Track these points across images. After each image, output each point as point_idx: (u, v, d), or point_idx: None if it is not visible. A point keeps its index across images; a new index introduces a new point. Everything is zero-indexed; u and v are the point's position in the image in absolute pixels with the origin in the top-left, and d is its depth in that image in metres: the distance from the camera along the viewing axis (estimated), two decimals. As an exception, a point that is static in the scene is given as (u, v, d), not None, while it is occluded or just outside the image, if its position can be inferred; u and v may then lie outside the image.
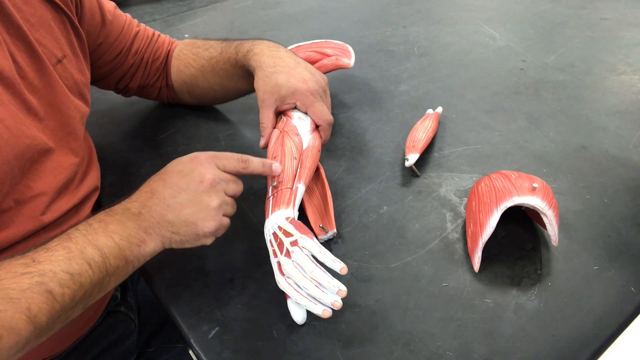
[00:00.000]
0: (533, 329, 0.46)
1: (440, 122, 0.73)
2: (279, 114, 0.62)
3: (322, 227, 0.55)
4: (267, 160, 0.53)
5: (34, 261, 0.39)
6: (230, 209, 0.49)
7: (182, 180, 0.47)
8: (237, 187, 0.50)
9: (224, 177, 0.48)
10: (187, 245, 0.47)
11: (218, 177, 0.48)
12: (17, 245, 0.49)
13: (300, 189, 0.53)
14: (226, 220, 0.49)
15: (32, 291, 0.37)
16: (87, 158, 0.60)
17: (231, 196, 0.50)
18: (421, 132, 0.67)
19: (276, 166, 0.53)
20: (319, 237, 0.55)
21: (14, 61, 0.48)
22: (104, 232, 0.43)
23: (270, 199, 0.52)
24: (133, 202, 0.47)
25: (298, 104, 0.60)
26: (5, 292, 0.37)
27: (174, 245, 0.47)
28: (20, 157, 0.47)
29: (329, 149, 0.69)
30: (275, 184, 0.53)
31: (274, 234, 0.49)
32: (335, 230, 0.55)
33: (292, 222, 0.48)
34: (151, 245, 0.46)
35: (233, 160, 0.50)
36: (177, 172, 0.48)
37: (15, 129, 0.46)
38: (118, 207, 0.46)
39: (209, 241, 0.48)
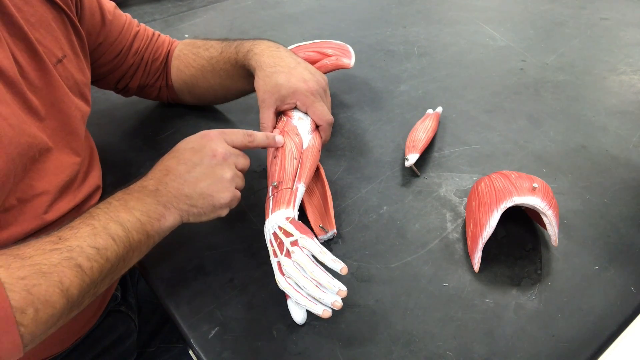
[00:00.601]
0: (533, 329, 0.46)
1: (440, 122, 0.73)
2: (279, 113, 0.62)
3: (322, 227, 0.55)
4: (270, 134, 0.55)
5: (60, 239, 0.41)
6: (241, 181, 0.52)
7: (195, 155, 0.49)
8: (245, 161, 0.53)
9: (233, 151, 0.51)
10: (204, 218, 0.49)
11: (229, 152, 0.50)
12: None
13: (301, 189, 0.53)
14: (238, 192, 0.51)
15: (62, 266, 0.39)
16: (88, 157, 0.60)
17: (240, 170, 0.52)
18: (421, 132, 0.67)
19: (279, 138, 0.55)
20: (319, 237, 0.55)
21: (16, 61, 0.48)
22: (124, 209, 0.45)
23: (271, 198, 0.52)
24: (149, 180, 0.48)
25: (298, 104, 0.60)
26: (37, 267, 0.38)
27: (192, 219, 0.49)
28: (23, 155, 0.47)
29: (329, 149, 0.69)
30: (275, 183, 0.53)
31: (274, 233, 0.49)
32: (335, 230, 0.55)
33: (292, 222, 0.48)
34: (170, 219, 0.47)
35: (240, 135, 0.53)
36: (189, 149, 0.50)
37: (17, 127, 0.46)
38: (135, 186, 0.48)
39: (224, 212, 0.50)
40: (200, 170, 0.48)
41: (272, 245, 0.48)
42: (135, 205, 0.46)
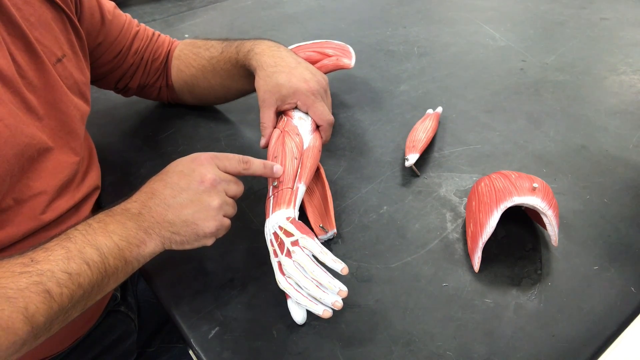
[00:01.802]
0: (533, 329, 0.46)
1: (440, 122, 0.73)
2: (280, 113, 0.62)
3: (322, 227, 0.55)
4: (269, 162, 0.53)
5: (32, 260, 0.39)
6: (231, 209, 0.49)
7: (182, 180, 0.47)
8: (237, 188, 0.50)
9: (224, 177, 0.48)
10: (187, 247, 0.47)
11: (219, 178, 0.48)
12: (17, 244, 0.49)
13: (301, 188, 0.53)
14: (227, 221, 0.49)
15: (29, 290, 0.37)
16: (87, 157, 0.60)
17: (232, 197, 0.50)
18: (421, 132, 0.67)
19: (277, 168, 0.53)
20: (319, 237, 0.55)
21: (14, 60, 0.48)
22: (103, 232, 0.43)
23: (271, 198, 0.52)
24: (133, 203, 0.46)
25: (299, 103, 0.60)
26: (2, 291, 0.37)
27: (174, 246, 0.47)
28: (19, 155, 0.47)
29: (329, 149, 0.69)
30: (275, 183, 0.53)
31: (275, 233, 0.49)
32: (335, 230, 0.55)
33: (292, 222, 0.48)
34: (151, 246, 0.45)
35: (234, 161, 0.50)
36: (178, 172, 0.48)
37: (14, 127, 0.46)
38: (118, 208, 0.46)
39: (209, 242, 0.48)
40: (186, 196, 0.46)
41: (272, 245, 0.48)
42: (114, 229, 0.44)
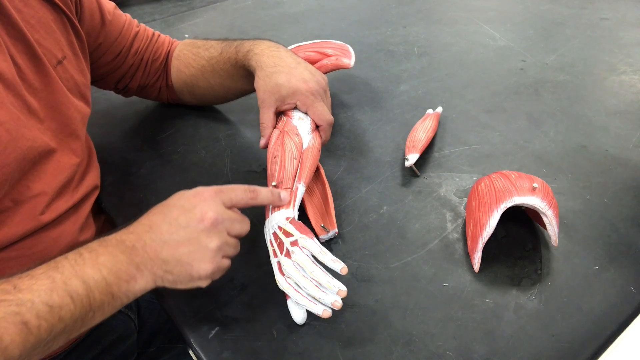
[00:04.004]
0: (533, 329, 0.46)
1: (440, 122, 0.73)
2: (279, 114, 0.62)
3: (323, 227, 0.55)
4: (275, 190, 0.50)
5: (15, 288, 0.37)
6: (232, 250, 0.46)
7: (182, 216, 0.44)
8: (242, 226, 0.47)
9: (227, 216, 0.45)
10: (180, 286, 0.45)
11: (221, 217, 0.44)
12: (16, 244, 0.49)
13: (301, 189, 0.53)
14: (225, 263, 0.46)
15: (6, 321, 0.35)
16: (87, 158, 0.60)
17: (235, 236, 0.47)
18: (421, 132, 0.67)
19: (284, 195, 0.51)
20: (321, 236, 0.55)
21: (15, 63, 0.48)
22: (92, 264, 0.41)
23: (270, 199, 0.52)
24: (129, 234, 0.44)
25: (298, 104, 0.60)
26: None
27: (167, 285, 0.44)
28: (20, 159, 0.47)
29: (329, 149, 0.69)
30: (275, 183, 0.53)
31: (274, 234, 0.49)
32: (336, 230, 0.55)
33: (292, 222, 0.48)
34: (142, 283, 0.43)
35: (240, 192, 0.47)
36: (180, 206, 0.45)
37: (15, 131, 0.46)
38: (113, 238, 0.44)
39: (204, 284, 0.45)
40: (183, 234, 0.43)
41: (272, 246, 0.48)
42: (105, 261, 0.41)
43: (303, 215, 0.57)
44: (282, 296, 0.49)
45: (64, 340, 0.40)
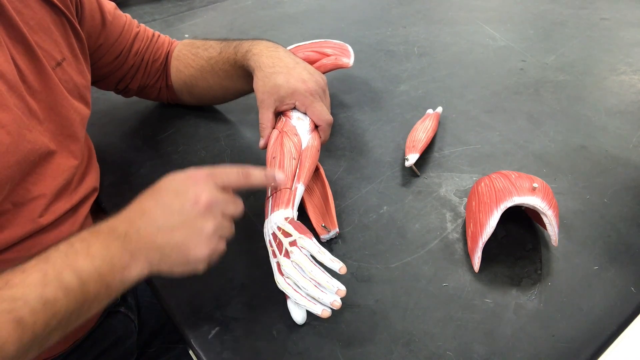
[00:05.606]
0: (533, 329, 0.45)
1: (440, 122, 0.73)
2: (279, 114, 0.62)
3: (324, 227, 0.55)
4: (269, 170, 0.50)
5: (7, 284, 0.37)
6: (227, 232, 0.46)
7: (175, 200, 0.43)
8: (236, 208, 0.46)
9: (221, 198, 0.44)
10: (177, 272, 0.44)
11: (215, 199, 0.43)
12: (15, 247, 0.49)
13: (300, 189, 0.53)
14: (221, 245, 0.45)
15: (0, 319, 0.35)
16: (86, 160, 0.60)
17: (229, 217, 0.46)
18: (421, 132, 0.67)
19: (280, 176, 0.50)
20: (322, 236, 0.55)
21: (15, 64, 0.48)
22: (85, 255, 0.40)
23: (270, 199, 0.52)
24: (121, 221, 0.43)
25: (297, 104, 0.60)
26: None
27: (162, 271, 0.43)
28: (22, 162, 0.47)
29: (329, 149, 0.69)
30: (275, 184, 0.53)
31: (273, 234, 0.49)
32: (337, 230, 0.55)
33: (291, 222, 0.48)
34: (136, 270, 0.42)
35: (232, 174, 0.46)
36: (172, 190, 0.44)
37: (17, 134, 0.46)
38: (104, 226, 0.43)
39: (201, 267, 0.44)
40: (178, 219, 0.42)
41: (271, 246, 0.48)
42: (97, 251, 0.40)
43: (303, 215, 0.57)
44: (282, 296, 0.49)
45: (59, 335, 0.39)
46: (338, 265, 0.44)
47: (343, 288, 0.44)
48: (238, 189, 0.47)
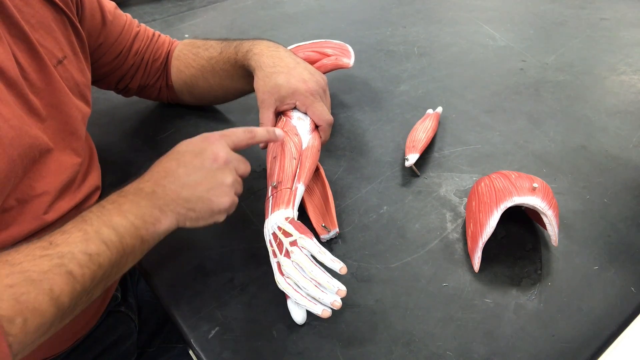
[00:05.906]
0: (533, 329, 0.46)
1: (440, 122, 0.73)
2: (279, 114, 0.62)
3: (324, 227, 0.55)
4: (270, 128, 0.54)
5: (51, 244, 0.40)
6: (240, 187, 0.51)
7: (195, 158, 0.48)
8: (246, 167, 0.52)
9: (235, 156, 0.50)
10: (202, 223, 0.48)
11: (230, 156, 0.49)
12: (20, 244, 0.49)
13: (300, 189, 0.53)
14: (237, 198, 0.50)
15: (53, 273, 0.38)
16: (88, 158, 0.60)
17: (240, 175, 0.51)
18: (421, 132, 0.67)
19: (279, 132, 0.54)
20: (322, 236, 0.55)
21: (17, 62, 0.48)
22: (118, 213, 0.44)
23: (270, 199, 0.52)
24: (146, 182, 0.47)
25: (298, 104, 0.60)
26: (26, 274, 0.37)
27: (189, 224, 0.48)
28: (23, 156, 0.47)
29: (329, 149, 0.69)
30: (274, 184, 0.53)
31: (274, 234, 0.49)
32: (337, 230, 0.55)
33: (291, 222, 0.48)
34: (166, 223, 0.46)
35: (240, 133, 0.51)
36: (190, 151, 0.49)
37: (18, 128, 0.46)
38: (130, 188, 0.47)
39: (221, 218, 0.49)
40: (200, 174, 0.47)
41: (271, 246, 0.48)
42: (129, 208, 0.44)
43: (303, 215, 0.57)
44: (282, 296, 0.49)
45: (102, 288, 0.43)
46: (339, 266, 0.44)
47: (343, 288, 0.44)
48: (246, 147, 0.52)
